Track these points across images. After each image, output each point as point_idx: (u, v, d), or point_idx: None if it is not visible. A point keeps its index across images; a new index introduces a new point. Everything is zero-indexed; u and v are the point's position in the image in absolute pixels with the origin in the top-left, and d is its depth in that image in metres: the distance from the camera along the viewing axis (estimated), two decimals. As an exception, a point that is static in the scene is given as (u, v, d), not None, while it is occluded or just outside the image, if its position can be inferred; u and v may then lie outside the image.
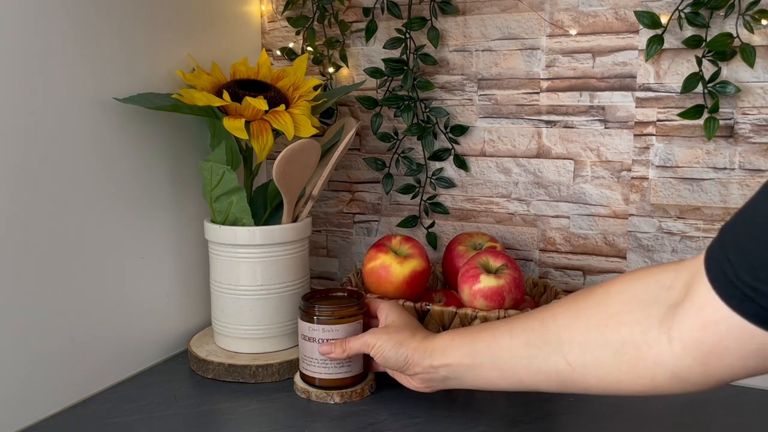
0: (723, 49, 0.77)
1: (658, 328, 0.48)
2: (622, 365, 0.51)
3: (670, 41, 0.80)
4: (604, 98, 0.84)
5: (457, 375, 0.62)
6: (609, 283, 0.54)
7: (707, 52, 0.78)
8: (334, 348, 0.71)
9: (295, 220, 0.82)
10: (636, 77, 0.82)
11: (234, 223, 0.79)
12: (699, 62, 0.78)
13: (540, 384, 0.57)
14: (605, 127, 0.85)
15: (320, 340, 0.72)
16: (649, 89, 0.82)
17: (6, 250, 0.64)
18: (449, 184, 0.94)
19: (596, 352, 0.52)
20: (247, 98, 0.74)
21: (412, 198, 0.97)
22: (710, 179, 0.81)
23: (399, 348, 0.66)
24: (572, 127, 0.86)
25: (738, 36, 0.76)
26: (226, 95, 0.76)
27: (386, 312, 0.73)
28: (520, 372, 0.58)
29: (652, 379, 0.49)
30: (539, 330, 0.57)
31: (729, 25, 0.77)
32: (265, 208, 0.86)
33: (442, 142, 0.93)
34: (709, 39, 0.77)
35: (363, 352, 0.70)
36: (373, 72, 0.93)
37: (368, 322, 0.75)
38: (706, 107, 0.78)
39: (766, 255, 0.40)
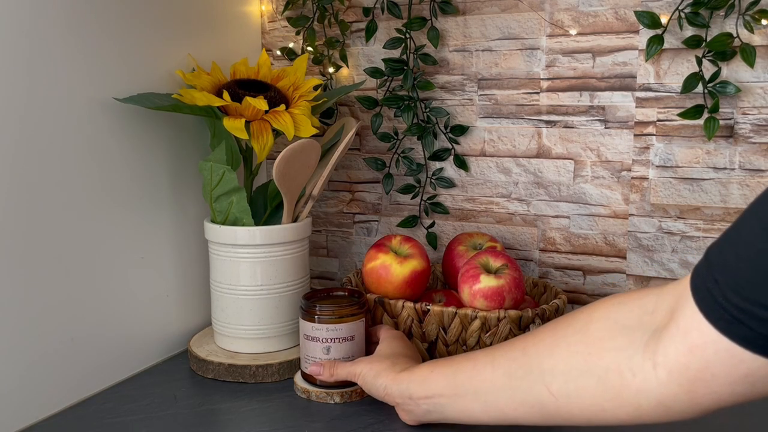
0: (723, 49, 0.77)
1: (642, 354, 0.47)
2: (605, 393, 0.49)
3: (670, 41, 0.80)
4: (604, 98, 0.84)
5: (439, 408, 0.61)
6: (591, 308, 0.53)
7: (707, 52, 0.78)
8: (322, 371, 0.71)
9: (295, 220, 0.82)
10: (636, 77, 0.82)
11: (234, 223, 0.79)
12: (699, 62, 0.78)
13: (523, 416, 0.55)
14: (605, 127, 0.85)
15: (322, 339, 0.72)
16: (649, 89, 0.82)
17: (6, 250, 0.64)
18: (449, 184, 0.94)
19: (579, 381, 0.51)
20: (247, 98, 0.74)
21: (412, 198, 0.97)
22: (710, 179, 0.81)
23: (377, 378, 0.65)
24: (572, 127, 0.86)
25: (738, 36, 0.76)
26: (226, 95, 0.76)
27: (381, 340, 0.72)
28: (502, 404, 0.56)
29: (637, 408, 0.48)
30: (521, 359, 0.55)
31: (729, 25, 0.77)
32: (265, 208, 0.86)
33: (442, 142, 0.93)
34: (709, 39, 0.77)
35: (350, 379, 0.69)
36: (373, 72, 0.93)
37: (372, 348, 0.75)
38: (706, 107, 0.78)
39: (755, 275, 0.39)
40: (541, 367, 0.53)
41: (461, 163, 0.92)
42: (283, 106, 0.78)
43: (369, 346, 0.76)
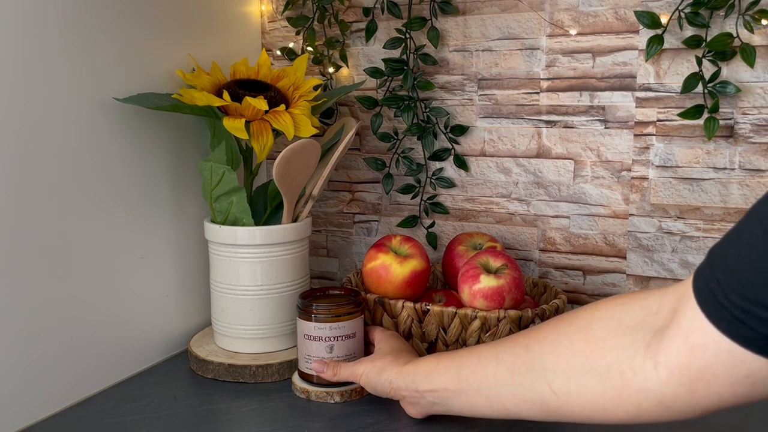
0: (723, 49, 0.77)
1: (644, 353, 0.47)
2: (606, 392, 0.49)
3: (670, 41, 0.80)
4: (604, 98, 0.84)
5: (444, 401, 0.62)
6: (593, 308, 0.53)
7: (707, 52, 0.78)
8: (326, 369, 0.71)
9: (295, 220, 0.82)
10: (636, 77, 0.82)
11: (234, 223, 0.79)
12: (699, 62, 0.78)
13: (525, 412, 0.56)
14: (605, 127, 0.85)
15: (325, 338, 0.72)
16: (649, 89, 0.82)
17: (6, 250, 0.64)
18: (449, 184, 0.94)
19: (581, 379, 0.51)
20: (247, 98, 0.74)
21: (412, 198, 0.97)
22: (710, 179, 0.81)
23: (381, 374, 0.66)
24: (572, 127, 0.86)
25: (738, 36, 0.76)
26: (226, 95, 0.76)
27: (377, 340, 0.73)
28: (505, 400, 0.56)
29: (638, 407, 0.48)
30: (524, 356, 0.55)
31: (729, 25, 0.77)
32: (265, 208, 0.86)
33: (442, 142, 0.93)
34: (709, 39, 0.77)
35: (352, 380, 0.70)
36: (373, 72, 0.93)
37: (368, 349, 0.75)
38: (706, 107, 0.78)
39: (757, 276, 0.39)
40: (543, 364, 0.54)
41: (461, 163, 0.92)
42: (283, 106, 0.78)
43: (365, 347, 0.77)
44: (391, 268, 0.79)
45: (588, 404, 0.51)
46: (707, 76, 0.78)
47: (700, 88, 0.79)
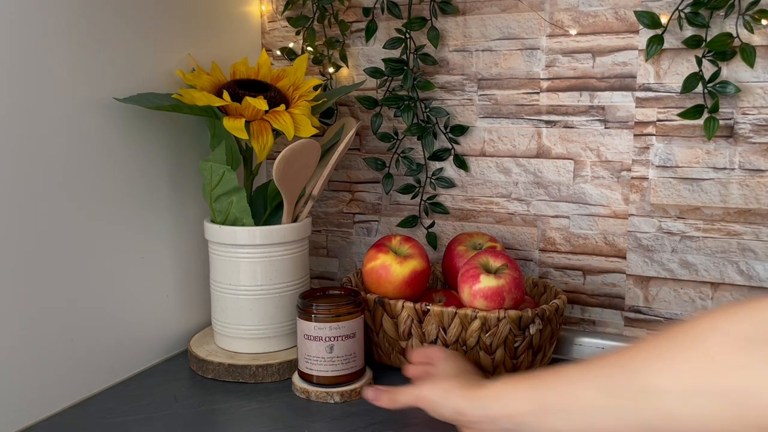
0: (723, 49, 0.77)
1: None
2: (732, 416, 0.44)
3: (670, 41, 0.80)
4: (604, 98, 0.84)
5: (520, 427, 0.55)
6: (698, 323, 0.49)
7: (707, 52, 0.78)
8: (380, 396, 0.65)
9: (295, 220, 0.82)
10: (636, 77, 0.82)
11: (234, 223, 0.79)
12: (699, 62, 0.78)
13: None
14: (605, 127, 0.85)
15: (325, 338, 0.72)
16: (649, 89, 0.82)
17: (6, 250, 0.64)
18: (449, 184, 0.94)
19: (697, 401, 0.46)
20: (247, 98, 0.74)
21: (412, 198, 0.97)
22: (710, 179, 0.81)
23: (447, 398, 0.60)
24: (572, 127, 0.86)
25: (738, 36, 0.76)
26: (226, 95, 0.76)
27: (438, 359, 0.68)
28: (599, 425, 0.51)
29: (765, 430, 0.43)
30: (620, 377, 0.51)
31: (729, 25, 0.77)
32: (265, 208, 0.86)
33: (442, 142, 0.93)
34: (709, 39, 0.77)
35: (414, 405, 0.63)
36: (373, 72, 0.93)
37: (426, 370, 0.69)
38: (706, 107, 0.78)
39: None
40: (646, 385, 0.49)
41: (461, 163, 0.92)
42: (283, 106, 0.78)
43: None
44: (391, 268, 0.79)
45: (704, 428, 0.46)
46: (707, 76, 0.78)
47: (700, 88, 0.79)
